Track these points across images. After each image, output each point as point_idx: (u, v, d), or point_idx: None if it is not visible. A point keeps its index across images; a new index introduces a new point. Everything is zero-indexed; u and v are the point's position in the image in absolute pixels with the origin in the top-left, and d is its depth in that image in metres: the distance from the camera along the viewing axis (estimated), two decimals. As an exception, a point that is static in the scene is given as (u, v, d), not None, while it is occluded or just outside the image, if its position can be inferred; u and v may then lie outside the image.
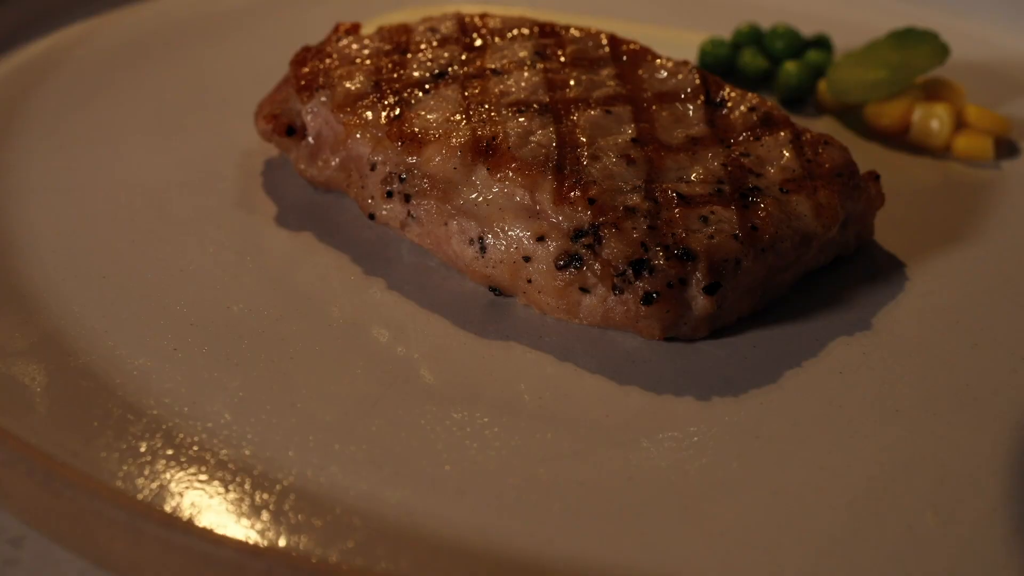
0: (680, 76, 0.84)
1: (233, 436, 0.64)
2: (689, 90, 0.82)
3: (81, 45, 1.06)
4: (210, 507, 0.59)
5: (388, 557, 0.57)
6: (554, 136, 0.75)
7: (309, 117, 0.82)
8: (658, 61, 0.86)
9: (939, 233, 0.84)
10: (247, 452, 0.63)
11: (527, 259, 0.72)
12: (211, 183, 0.86)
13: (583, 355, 0.71)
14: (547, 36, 0.88)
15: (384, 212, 0.78)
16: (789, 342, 0.73)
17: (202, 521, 0.58)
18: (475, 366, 0.70)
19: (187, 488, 0.60)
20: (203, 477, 0.61)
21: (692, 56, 1.05)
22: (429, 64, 0.83)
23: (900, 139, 0.96)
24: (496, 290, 0.75)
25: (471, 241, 0.74)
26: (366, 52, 0.86)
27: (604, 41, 0.87)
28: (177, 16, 1.13)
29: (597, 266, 0.70)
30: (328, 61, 0.85)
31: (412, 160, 0.75)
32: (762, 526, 0.60)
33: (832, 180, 0.76)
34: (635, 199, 0.72)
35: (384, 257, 0.79)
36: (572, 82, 0.82)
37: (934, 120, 0.94)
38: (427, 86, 0.81)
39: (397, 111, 0.78)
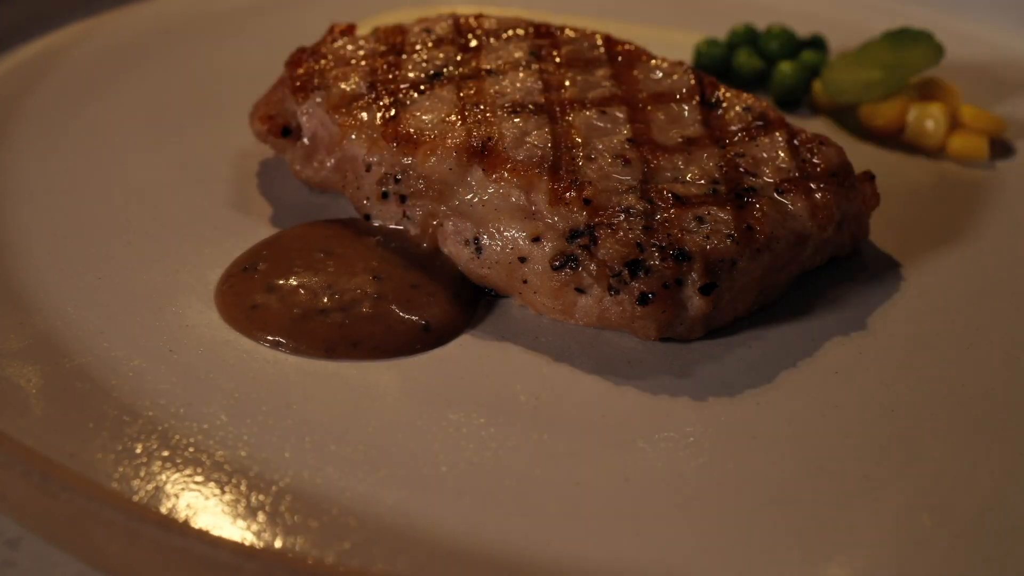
0: (675, 77, 0.84)
1: (229, 437, 0.63)
2: (684, 91, 0.82)
3: (77, 46, 1.06)
4: (206, 508, 0.59)
5: (385, 558, 0.57)
6: (550, 137, 0.75)
7: (304, 118, 0.82)
8: (653, 62, 0.86)
9: (934, 233, 0.84)
10: (243, 453, 0.63)
11: (523, 260, 0.72)
12: (207, 184, 0.86)
13: (579, 355, 0.71)
14: (542, 37, 0.88)
15: (380, 213, 0.78)
16: (785, 342, 0.73)
17: (198, 522, 0.58)
18: (471, 367, 0.70)
19: (183, 489, 0.60)
20: (199, 478, 0.61)
21: (687, 57, 1.05)
22: (424, 65, 0.84)
23: (895, 139, 0.96)
24: (492, 290, 0.75)
25: (467, 242, 0.74)
26: (361, 53, 0.86)
27: (599, 42, 0.87)
28: (172, 17, 1.13)
29: (593, 267, 0.70)
30: (323, 62, 0.85)
31: (407, 161, 0.75)
32: (758, 526, 0.60)
33: (827, 180, 0.76)
34: (631, 199, 0.72)
35: (380, 258, 0.79)
36: (567, 83, 0.82)
37: (929, 120, 0.94)
38: (422, 87, 0.81)
39: (392, 112, 0.78)
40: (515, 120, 0.77)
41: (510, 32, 0.88)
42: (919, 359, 0.72)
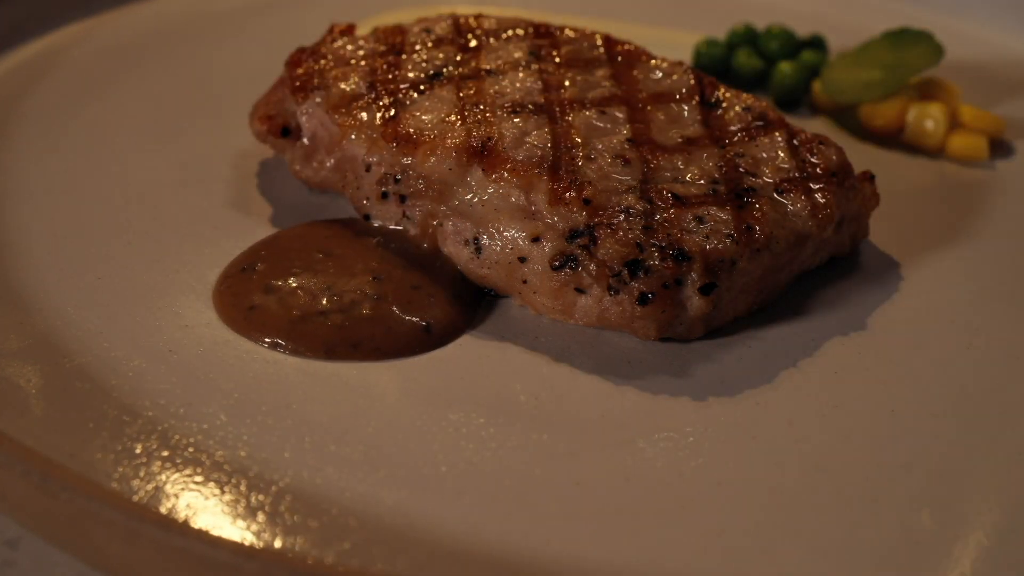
0: (675, 77, 0.84)
1: (229, 437, 0.63)
2: (684, 91, 0.82)
3: (77, 46, 1.06)
4: (206, 508, 0.59)
5: (384, 558, 0.57)
6: (549, 137, 0.75)
7: (304, 118, 0.82)
8: (653, 62, 0.86)
9: (934, 233, 0.84)
10: (243, 453, 0.63)
11: (523, 260, 0.72)
12: (207, 184, 0.86)
13: (579, 355, 0.71)
14: (542, 37, 0.88)
15: (379, 213, 0.78)
16: (785, 342, 0.73)
17: (198, 523, 0.58)
18: (471, 367, 0.70)
19: (183, 490, 0.60)
20: (199, 478, 0.61)
21: (687, 57, 1.05)
22: (424, 65, 0.84)
23: (895, 139, 0.96)
24: (491, 291, 0.75)
25: (466, 242, 0.74)
26: (361, 53, 0.86)
27: (599, 42, 0.87)
28: (172, 17, 1.13)
29: (593, 267, 0.70)
30: (323, 62, 0.85)
31: (407, 161, 0.75)
32: (758, 526, 0.60)
33: (827, 180, 0.76)
34: (630, 199, 0.72)
35: (380, 258, 0.79)
36: (567, 83, 0.82)
37: (929, 120, 0.94)
38: (422, 87, 0.81)
39: (392, 112, 0.78)
40: (515, 120, 0.77)
41: (510, 32, 0.88)
42: (919, 359, 0.72)
